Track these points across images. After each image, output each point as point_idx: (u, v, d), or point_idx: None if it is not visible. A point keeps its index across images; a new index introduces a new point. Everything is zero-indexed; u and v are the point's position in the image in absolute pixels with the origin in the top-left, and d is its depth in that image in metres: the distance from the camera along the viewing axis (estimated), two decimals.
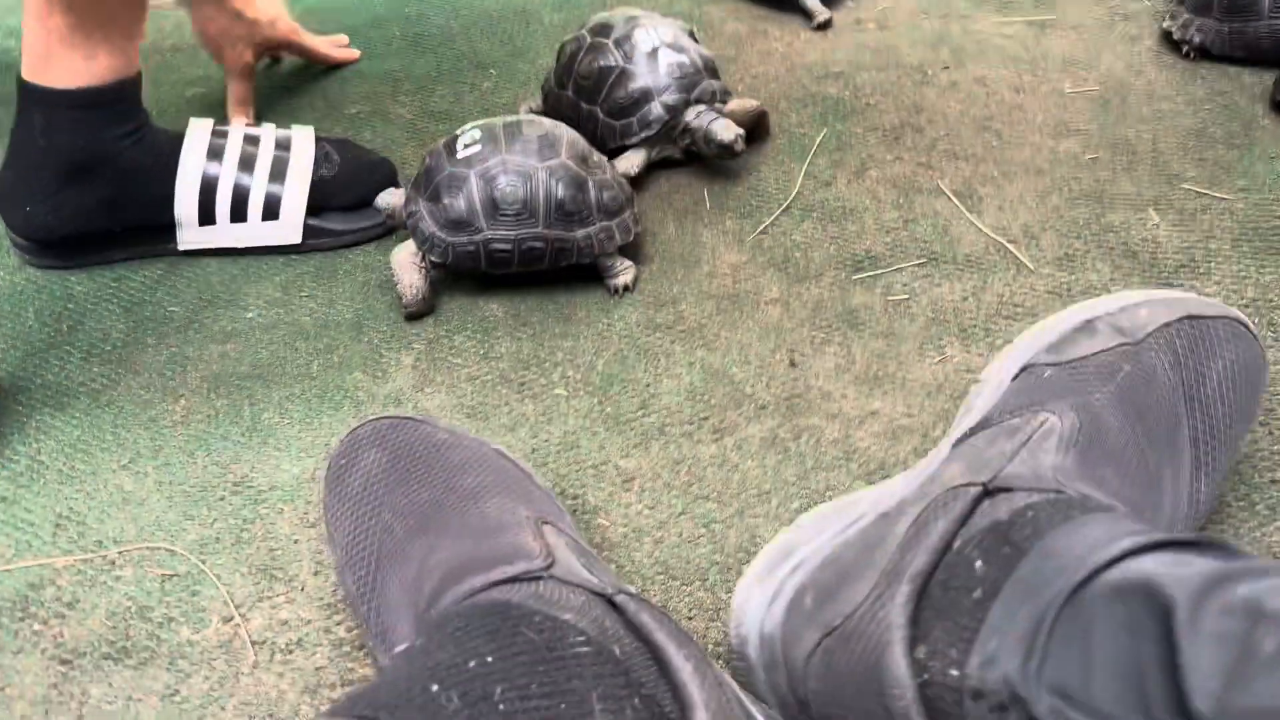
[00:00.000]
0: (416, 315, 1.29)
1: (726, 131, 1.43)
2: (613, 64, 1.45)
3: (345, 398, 1.18)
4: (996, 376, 0.87)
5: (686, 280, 1.32)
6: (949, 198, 1.41)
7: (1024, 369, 0.84)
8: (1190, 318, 0.85)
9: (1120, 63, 1.67)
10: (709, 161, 1.50)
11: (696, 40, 1.53)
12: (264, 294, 1.35)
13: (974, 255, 1.31)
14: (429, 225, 1.27)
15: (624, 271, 1.31)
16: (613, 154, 1.45)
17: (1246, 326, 0.90)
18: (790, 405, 1.13)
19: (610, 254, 1.30)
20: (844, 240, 1.36)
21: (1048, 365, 0.82)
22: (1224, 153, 1.44)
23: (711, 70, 1.48)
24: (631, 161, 1.45)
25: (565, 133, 1.31)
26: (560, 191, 1.26)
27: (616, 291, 1.31)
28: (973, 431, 0.81)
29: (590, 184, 1.28)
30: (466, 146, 1.28)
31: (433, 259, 1.28)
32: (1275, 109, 1.53)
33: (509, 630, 0.65)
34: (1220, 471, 0.86)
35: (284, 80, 1.82)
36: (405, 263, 1.28)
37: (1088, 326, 0.85)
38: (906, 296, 1.26)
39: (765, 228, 1.40)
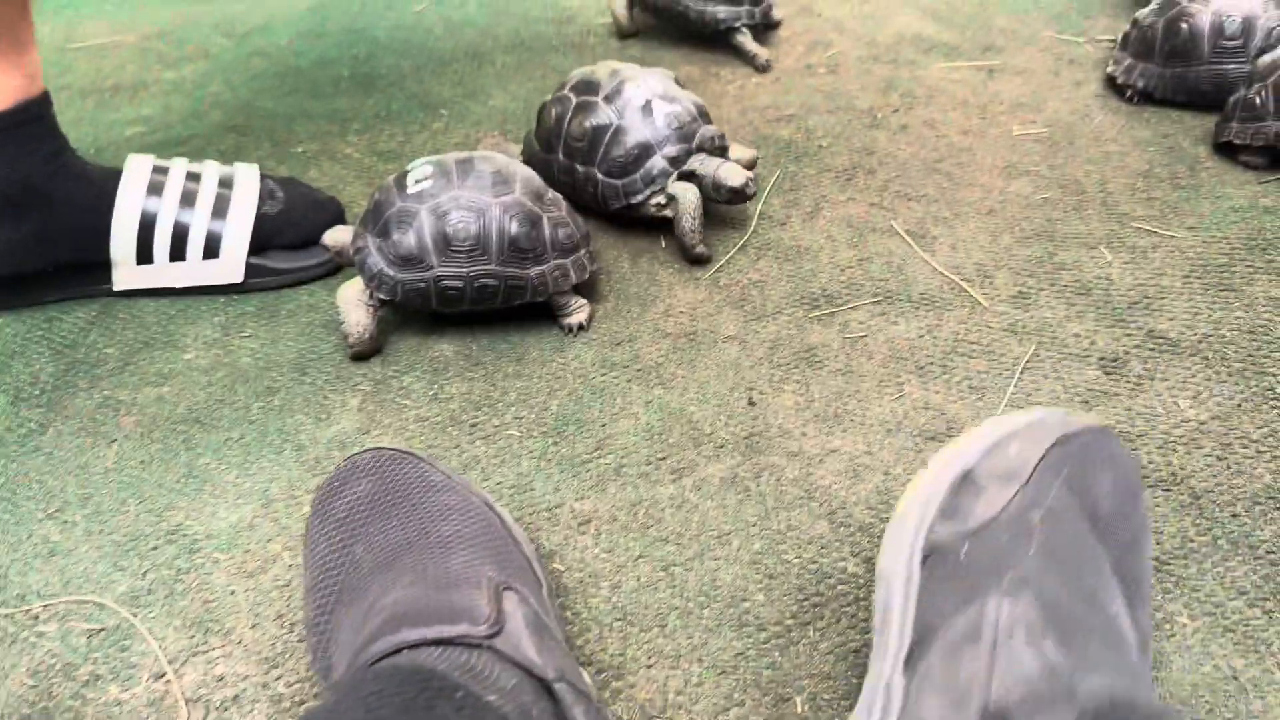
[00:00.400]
0: (363, 355, 1.25)
1: (736, 176, 1.38)
2: (606, 121, 1.39)
3: (286, 441, 1.13)
4: (902, 568, 0.75)
5: (642, 319, 1.30)
6: (902, 237, 1.41)
7: (931, 551, 0.75)
8: (1060, 441, 0.78)
9: (1067, 106, 1.70)
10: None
11: (682, 86, 1.50)
12: (203, 335, 1.30)
13: (929, 293, 1.31)
14: (377, 261, 1.24)
15: (578, 310, 1.29)
16: (617, 214, 1.42)
17: (1106, 431, 0.83)
18: (750, 444, 1.11)
19: (565, 292, 1.28)
20: (800, 278, 1.35)
21: (957, 539, 0.73)
22: (1171, 192, 1.46)
23: (705, 116, 1.45)
24: (690, 198, 1.36)
25: (520, 169, 1.29)
26: (514, 228, 1.23)
27: (571, 330, 1.28)
28: (918, 647, 0.69)
29: (545, 221, 1.26)
30: (418, 182, 1.25)
31: (381, 296, 1.24)
32: (1218, 150, 1.56)
33: (424, 704, 0.60)
34: (1148, 595, 0.79)
35: (230, 120, 1.79)
36: (351, 301, 1.24)
37: (967, 481, 0.76)
38: (864, 334, 1.25)
39: (721, 266, 1.38)
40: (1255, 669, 0.86)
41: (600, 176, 1.41)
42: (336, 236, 1.31)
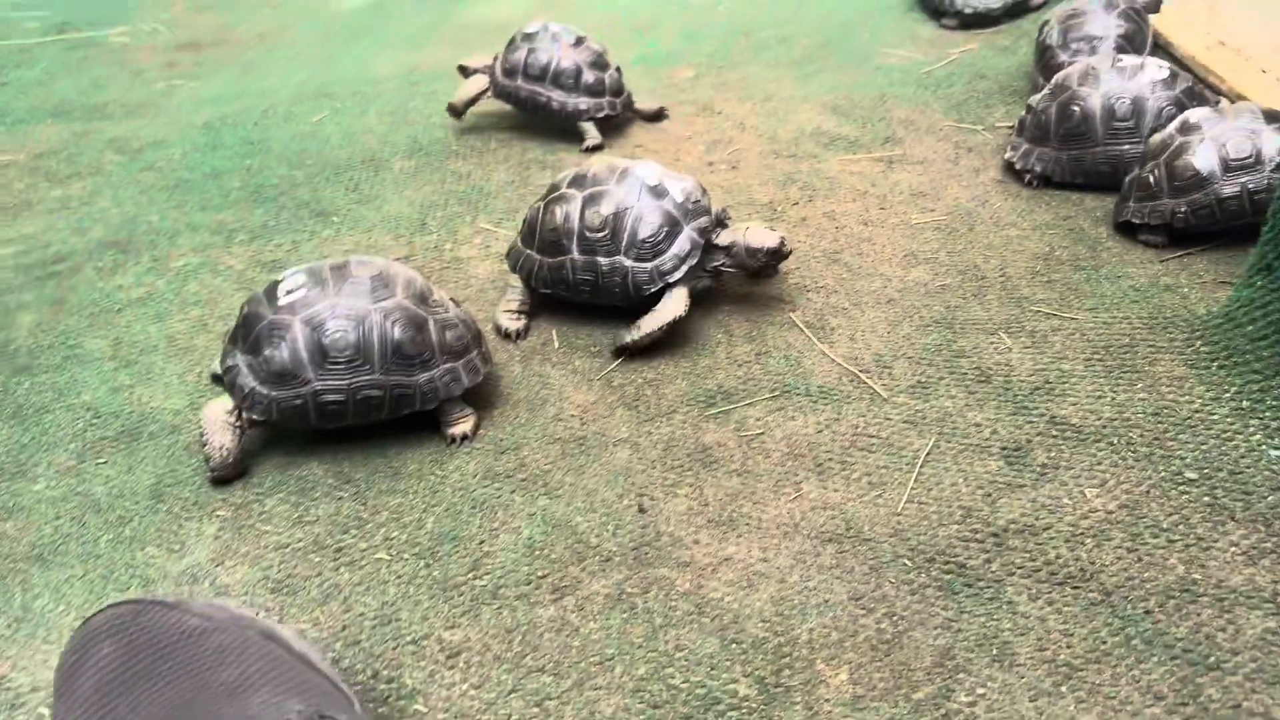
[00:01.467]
0: (225, 479, 1.15)
1: (769, 237, 1.34)
2: (625, 205, 1.33)
3: (134, 576, 1.03)
4: None
5: (531, 424, 1.23)
6: (801, 329, 1.36)
7: None
8: None
9: (966, 193, 1.69)
10: (562, 300, 1.43)
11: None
12: (56, 462, 1.20)
13: (827, 386, 1.25)
14: (248, 380, 1.16)
15: (463, 420, 1.21)
16: (651, 300, 1.33)
17: None
18: (638, 556, 1.03)
19: (456, 398, 1.21)
20: (696, 375, 1.29)
21: None
22: (1072, 274, 1.43)
23: (706, 192, 1.41)
24: (678, 303, 1.32)
25: (401, 271, 1.23)
26: (397, 333, 1.16)
27: (454, 441, 1.20)
28: None
29: (431, 324, 1.19)
30: (289, 292, 1.18)
31: (254, 417, 1.16)
32: (1119, 230, 1.55)
33: None
34: None
35: (112, 235, 1.71)
36: (217, 422, 1.16)
37: None
38: (760, 431, 1.19)
39: (615, 365, 1.32)
40: None
41: (630, 263, 1.33)
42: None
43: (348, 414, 1.16)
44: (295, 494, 1.13)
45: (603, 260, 1.35)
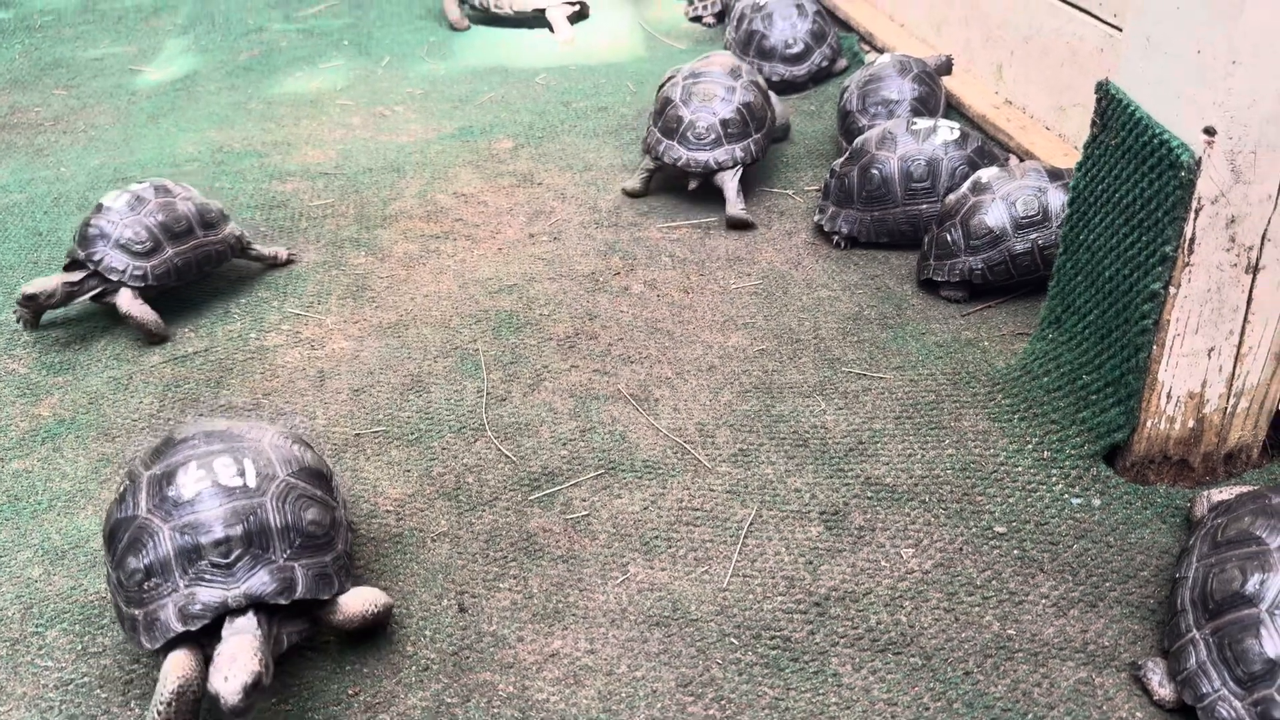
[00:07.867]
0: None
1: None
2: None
3: None
4: None
5: None
6: (626, 400, 1.35)
7: None
8: None
9: (780, 257, 1.72)
10: (374, 386, 1.37)
11: None
12: None
13: (652, 460, 1.24)
14: (171, 611, 0.92)
15: None
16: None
17: None
18: (458, 661, 0.98)
19: None
20: (520, 457, 1.26)
21: None
22: (880, 333, 1.48)
23: None
24: None
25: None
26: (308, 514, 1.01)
27: None
28: None
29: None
30: (169, 488, 1.00)
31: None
32: (922, 287, 1.61)
33: None
34: None
35: None
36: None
37: None
38: (586, 512, 1.16)
39: (435, 454, 1.27)
40: None
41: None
42: None
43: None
44: (79, 622, 1.03)
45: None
